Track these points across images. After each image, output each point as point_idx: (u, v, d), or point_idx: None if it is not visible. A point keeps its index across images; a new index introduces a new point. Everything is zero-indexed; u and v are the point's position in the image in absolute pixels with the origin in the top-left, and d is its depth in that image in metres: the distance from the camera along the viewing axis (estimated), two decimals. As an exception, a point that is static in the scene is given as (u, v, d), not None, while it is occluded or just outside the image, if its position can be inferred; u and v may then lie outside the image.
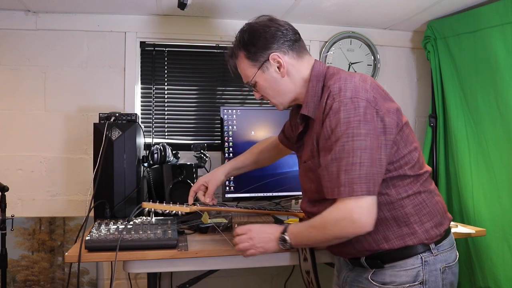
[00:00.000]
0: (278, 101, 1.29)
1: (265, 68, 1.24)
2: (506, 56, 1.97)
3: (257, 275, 2.36)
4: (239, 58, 1.29)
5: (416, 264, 1.13)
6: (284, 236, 1.17)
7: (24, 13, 2.18)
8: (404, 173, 1.13)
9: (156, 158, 1.92)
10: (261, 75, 1.25)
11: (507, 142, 1.97)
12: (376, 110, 1.08)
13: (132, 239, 1.36)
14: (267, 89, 1.27)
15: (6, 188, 1.76)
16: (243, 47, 1.26)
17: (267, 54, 1.22)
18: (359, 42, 2.50)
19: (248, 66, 1.26)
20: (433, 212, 1.16)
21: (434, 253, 1.14)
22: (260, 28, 1.24)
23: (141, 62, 2.33)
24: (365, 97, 1.07)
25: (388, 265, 1.15)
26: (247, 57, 1.26)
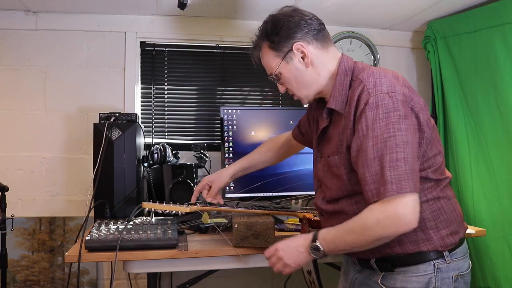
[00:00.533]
0: (303, 93, 1.24)
1: (289, 58, 1.19)
2: (506, 56, 1.97)
3: (257, 275, 2.36)
4: (262, 50, 1.25)
5: (429, 270, 1.09)
6: (316, 244, 1.09)
7: (24, 13, 2.18)
8: (426, 176, 1.10)
9: (156, 158, 1.92)
10: (285, 66, 1.20)
11: (507, 142, 1.97)
12: (411, 106, 1.06)
13: (132, 239, 1.36)
14: (292, 80, 1.22)
15: (6, 188, 1.76)
16: (266, 37, 1.22)
17: (290, 44, 1.18)
18: (359, 42, 2.50)
19: (271, 57, 1.22)
20: (450, 219, 1.13)
21: (447, 260, 1.10)
22: (283, 18, 1.20)
23: (141, 62, 2.33)
24: (401, 93, 1.05)
25: (399, 269, 1.11)
26: (270, 48, 1.21)
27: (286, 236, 1.54)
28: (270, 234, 1.41)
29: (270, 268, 1.23)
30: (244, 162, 1.58)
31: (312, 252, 1.10)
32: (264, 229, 1.40)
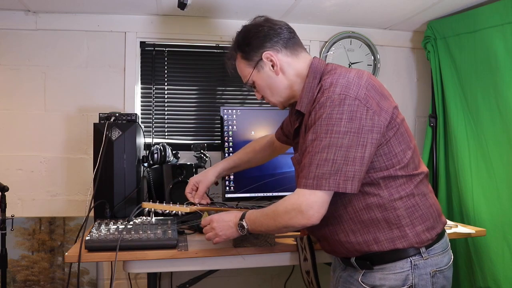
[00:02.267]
0: (276, 99, 1.31)
1: (260, 67, 1.26)
2: (506, 56, 1.97)
3: (257, 275, 2.36)
4: (236, 59, 1.33)
5: (406, 267, 1.11)
6: (241, 222, 1.23)
7: (24, 13, 2.18)
8: (395, 173, 1.12)
9: (156, 158, 1.92)
10: (257, 74, 1.27)
11: (507, 142, 1.97)
12: (367, 108, 1.07)
13: (132, 239, 1.36)
14: (265, 88, 1.29)
15: (6, 188, 1.76)
16: (238, 47, 1.30)
17: (260, 53, 1.25)
18: (359, 42, 2.50)
19: (244, 66, 1.29)
20: (425, 215, 1.14)
21: (424, 256, 1.12)
22: (253, 29, 1.27)
23: (141, 62, 2.33)
24: (354, 95, 1.07)
25: (377, 267, 1.14)
26: (243, 57, 1.29)
27: (286, 236, 1.55)
28: (270, 234, 1.41)
29: (270, 268, 1.25)
30: (229, 161, 1.62)
31: (239, 229, 1.24)
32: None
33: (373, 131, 1.07)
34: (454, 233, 1.67)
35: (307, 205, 1.07)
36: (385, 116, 1.10)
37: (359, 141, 1.05)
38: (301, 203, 1.07)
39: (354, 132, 1.05)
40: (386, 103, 1.13)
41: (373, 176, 1.11)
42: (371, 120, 1.07)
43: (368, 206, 1.12)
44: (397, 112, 1.16)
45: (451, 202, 2.29)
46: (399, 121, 1.15)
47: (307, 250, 1.37)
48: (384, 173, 1.11)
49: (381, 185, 1.12)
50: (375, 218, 1.12)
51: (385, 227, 1.12)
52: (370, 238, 1.13)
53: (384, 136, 1.10)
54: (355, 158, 1.05)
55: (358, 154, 1.05)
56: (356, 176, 1.06)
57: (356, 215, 1.14)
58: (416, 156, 1.18)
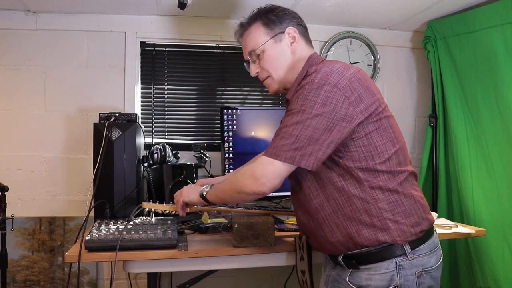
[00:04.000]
0: (278, 76, 1.30)
1: (278, 39, 1.27)
2: (506, 56, 1.97)
3: (257, 275, 2.36)
4: (252, 26, 1.31)
5: (391, 268, 1.11)
6: (203, 188, 1.33)
7: (24, 13, 2.18)
8: (375, 167, 1.11)
9: (156, 158, 1.92)
10: (272, 45, 1.28)
11: (507, 142, 1.97)
12: (344, 97, 1.09)
13: (132, 239, 1.36)
14: (273, 61, 1.29)
15: (6, 188, 1.76)
16: (263, 14, 1.30)
17: (284, 26, 1.28)
18: (359, 42, 2.50)
19: (261, 34, 1.29)
20: (409, 211, 1.13)
21: (409, 257, 1.12)
22: (281, 7, 1.32)
23: (141, 62, 2.33)
24: (334, 82, 1.09)
25: (363, 267, 1.14)
26: (264, 24, 1.29)
27: (286, 236, 1.55)
28: (270, 234, 1.41)
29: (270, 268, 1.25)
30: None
31: (200, 194, 1.34)
32: (264, 229, 1.40)
33: (344, 120, 1.09)
34: (454, 233, 1.67)
35: (262, 173, 1.11)
36: (363, 108, 1.11)
37: (327, 125, 1.08)
38: (257, 170, 1.12)
39: (325, 117, 1.08)
40: (371, 98, 1.13)
41: (352, 167, 1.12)
42: (345, 110, 1.09)
43: (349, 199, 1.13)
44: (383, 108, 1.16)
45: (451, 202, 2.29)
46: (384, 116, 1.15)
47: (304, 250, 1.37)
48: (363, 164, 1.12)
49: (361, 178, 1.12)
50: (357, 210, 1.13)
51: (367, 219, 1.12)
52: (353, 231, 1.13)
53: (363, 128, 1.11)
54: (318, 140, 1.08)
55: (322, 137, 1.08)
56: (314, 155, 1.09)
57: (339, 207, 1.14)
58: (402, 153, 1.17)
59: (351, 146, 1.12)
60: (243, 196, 1.18)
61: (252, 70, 1.35)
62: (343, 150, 1.12)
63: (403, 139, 1.22)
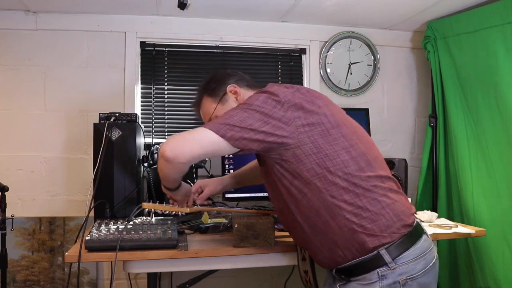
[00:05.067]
0: None
1: (225, 100, 1.37)
2: (506, 56, 1.97)
3: (257, 275, 2.36)
4: (202, 102, 1.43)
5: (374, 278, 1.12)
6: None
7: (24, 13, 2.18)
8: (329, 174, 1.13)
9: (156, 158, 1.92)
10: (221, 108, 1.36)
11: (507, 142, 1.97)
12: (283, 103, 1.15)
13: (132, 239, 1.36)
14: None
15: (6, 188, 1.76)
16: (204, 88, 1.43)
17: (225, 87, 1.38)
18: (359, 42, 2.50)
19: (209, 103, 1.40)
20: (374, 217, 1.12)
21: (391, 267, 1.11)
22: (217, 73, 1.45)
23: (141, 62, 2.33)
24: (275, 92, 1.17)
25: (353, 279, 1.16)
26: (208, 95, 1.40)
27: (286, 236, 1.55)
28: (270, 234, 1.41)
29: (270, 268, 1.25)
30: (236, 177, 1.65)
31: None
32: (264, 229, 1.40)
33: (281, 121, 1.13)
34: (454, 233, 1.67)
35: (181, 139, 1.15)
36: (301, 115, 1.15)
37: (261, 118, 1.13)
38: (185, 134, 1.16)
39: (261, 112, 1.13)
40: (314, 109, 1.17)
41: (306, 175, 1.13)
42: (283, 112, 1.14)
43: (318, 213, 1.15)
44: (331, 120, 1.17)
45: (451, 202, 2.29)
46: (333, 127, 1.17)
47: (305, 251, 1.37)
48: (317, 171, 1.13)
49: (320, 187, 1.13)
50: (326, 223, 1.14)
51: (337, 229, 1.14)
52: (331, 243, 1.16)
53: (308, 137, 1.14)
54: (250, 125, 1.12)
55: (254, 125, 1.12)
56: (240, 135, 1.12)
57: (314, 225, 1.17)
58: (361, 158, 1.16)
59: (301, 155, 1.13)
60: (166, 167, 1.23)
61: None
62: (294, 161, 1.14)
63: (368, 145, 1.21)
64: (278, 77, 2.49)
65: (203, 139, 1.13)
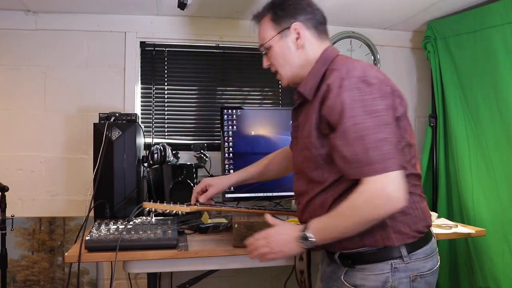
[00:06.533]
0: (284, 71, 1.27)
1: (284, 34, 1.24)
2: (506, 56, 1.97)
3: (257, 275, 2.36)
4: (263, 19, 1.29)
5: (386, 269, 1.10)
6: (305, 233, 1.09)
7: (24, 13, 2.18)
8: None
9: (156, 158, 1.92)
10: (278, 41, 1.25)
11: (507, 142, 1.97)
12: (390, 87, 1.10)
13: (132, 239, 1.36)
14: (279, 57, 1.26)
15: (6, 188, 1.76)
16: (272, 8, 1.28)
17: (290, 22, 1.23)
18: (359, 42, 2.50)
19: (269, 28, 1.27)
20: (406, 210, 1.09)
21: (405, 261, 1.10)
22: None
23: (141, 62, 2.33)
24: (375, 75, 1.08)
25: (358, 267, 1.13)
26: (271, 19, 1.26)
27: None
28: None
29: (270, 268, 1.24)
30: (244, 173, 1.58)
31: (301, 242, 1.10)
32: (264, 229, 1.40)
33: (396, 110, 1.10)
34: (454, 233, 1.67)
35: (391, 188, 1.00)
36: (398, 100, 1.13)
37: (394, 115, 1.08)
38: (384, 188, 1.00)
39: (389, 108, 1.06)
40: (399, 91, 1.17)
41: None
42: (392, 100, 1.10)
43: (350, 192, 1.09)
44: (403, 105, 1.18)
45: (451, 202, 2.29)
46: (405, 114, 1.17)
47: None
48: None
49: None
50: None
51: None
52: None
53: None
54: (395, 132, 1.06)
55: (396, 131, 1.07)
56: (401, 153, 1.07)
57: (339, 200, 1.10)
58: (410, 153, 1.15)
59: None
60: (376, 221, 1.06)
61: (263, 63, 1.33)
62: None
63: (415, 140, 1.20)
64: (278, 77, 2.48)
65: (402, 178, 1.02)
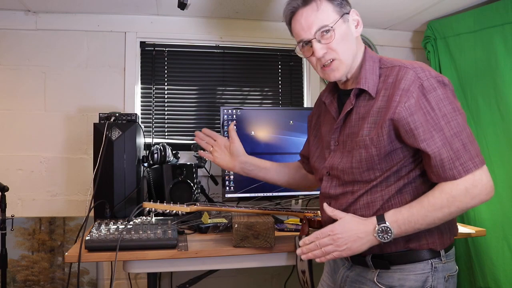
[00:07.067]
0: (346, 57, 1.16)
1: (346, 19, 1.16)
2: (506, 56, 1.97)
3: (257, 275, 2.36)
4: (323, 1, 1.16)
5: (426, 269, 1.10)
6: (386, 225, 1.03)
7: (24, 13, 2.18)
8: None
9: (156, 158, 1.92)
10: (341, 25, 1.15)
11: (507, 142, 1.97)
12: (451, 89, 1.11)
13: (132, 239, 1.36)
14: (343, 41, 1.15)
15: (6, 188, 1.76)
16: None
17: (349, 8, 1.18)
18: (359, 42, 2.50)
19: (330, 10, 1.15)
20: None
21: (443, 260, 1.11)
22: None
23: (141, 62, 2.33)
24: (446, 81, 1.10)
25: (395, 267, 1.10)
26: (331, 1, 1.16)
27: (286, 236, 1.54)
28: (270, 234, 1.41)
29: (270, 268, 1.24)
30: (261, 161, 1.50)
31: (379, 236, 1.04)
32: (264, 229, 1.40)
33: None
34: (454, 233, 1.67)
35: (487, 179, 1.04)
36: None
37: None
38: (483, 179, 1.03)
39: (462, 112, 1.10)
40: None
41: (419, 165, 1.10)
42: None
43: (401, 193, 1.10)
44: None
45: (451, 202, 2.29)
46: None
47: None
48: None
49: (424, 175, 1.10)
50: None
51: None
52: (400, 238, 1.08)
53: None
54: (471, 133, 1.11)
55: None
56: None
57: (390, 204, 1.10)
58: None
59: None
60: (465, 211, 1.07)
61: (318, 51, 1.14)
62: None
63: None
64: (278, 77, 2.48)
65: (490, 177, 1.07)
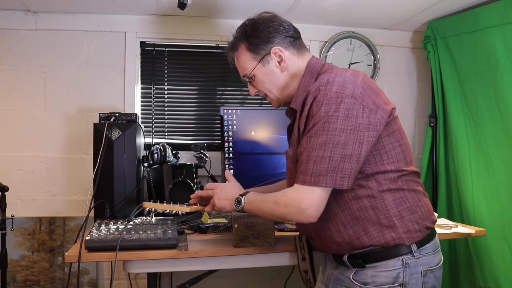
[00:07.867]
0: (275, 96, 1.30)
1: (266, 61, 1.25)
2: (506, 56, 1.97)
3: (257, 275, 2.36)
4: (239, 50, 1.30)
5: (397, 265, 1.12)
6: (240, 198, 1.24)
7: (24, 13, 2.18)
8: (384, 168, 1.12)
9: (156, 158, 1.92)
10: (261, 69, 1.26)
11: (507, 142, 1.97)
12: (363, 106, 1.08)
13: (132, 239, 1.36)
14: (265, 83, 1.28)
15: (6, 188, 1.76)
16: (245, 39, 1.28)
17: (268, 48, 1.24)
18: (359, 42, 2.50)
19: (248, 59, 1.27)
20: (413, 208, 1.14)
21: (415, 255, 1.13)
22: (263, 22, 1.27)
23: (141, 62, 2.33)
24: (350, 93, 1.08)
25: (369, 265, 1.14)
26: (248, 49, 1.27)
27: (286, 236, 1.55)
28: (270, 234, 1.41)
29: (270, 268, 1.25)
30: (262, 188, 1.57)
31: (235, 203, 1.25)
32: (264, 229, 1.40)
33: (370, 129, 1.08)
34: (454, 233, 1.67)
35: (307, 204, 1.08)
36: (382, 114, 1.11)
37: (355, 138, 1.07)
38: (301, 201, 1.08)
39: (351, 130, 1.06)
40: (383, 103, 1.14)
41: (364, 169, 1.12)
42: (367, 118, 1.08)
43: (357, 197, 1.13)
44: (390, 110, 1.16)
45: (451, 202, 2.29)
46: (393, 119, 1.17)
47: (305, 250, 1.37)
48: (373, 168, 1.12)
49: (371, 178, 1.12)
50: (364, 208, 1.12)
51: (373, 217, 1.12)
52: (359, 229, 1.13)
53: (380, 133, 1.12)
54: (352, 156, 1.07)
55: (354, 152, 1.07)
56: (352, 173, 1.08)
57: (346, 206, 1.14)
58: (407, 153, 1.19)
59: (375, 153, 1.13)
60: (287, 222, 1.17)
61: (251, 92, 1.35)
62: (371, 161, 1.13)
63: (407, 139, 1.22)
64: (278, 77, 2.48)
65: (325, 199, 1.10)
